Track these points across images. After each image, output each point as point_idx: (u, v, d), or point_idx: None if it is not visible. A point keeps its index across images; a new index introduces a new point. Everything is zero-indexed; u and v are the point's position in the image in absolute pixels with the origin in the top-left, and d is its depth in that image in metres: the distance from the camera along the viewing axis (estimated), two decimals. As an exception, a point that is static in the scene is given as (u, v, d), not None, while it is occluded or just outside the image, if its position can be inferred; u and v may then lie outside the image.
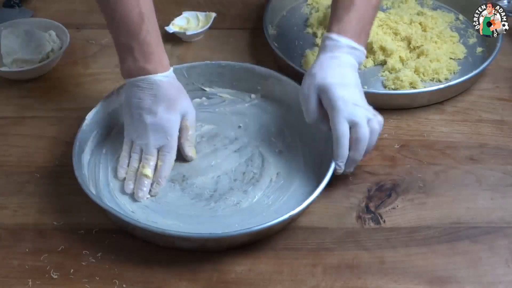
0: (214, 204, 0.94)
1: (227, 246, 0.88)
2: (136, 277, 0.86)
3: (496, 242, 0.90)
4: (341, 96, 0.92)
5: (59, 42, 1.20)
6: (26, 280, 0.85)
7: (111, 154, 1.00)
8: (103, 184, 0.96)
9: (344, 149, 0.91)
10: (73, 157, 0.92)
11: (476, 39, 1.24)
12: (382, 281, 0.85)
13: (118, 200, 0.94)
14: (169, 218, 0.91)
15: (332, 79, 0.93)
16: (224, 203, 0.94)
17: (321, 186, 0.89)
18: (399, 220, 0.93)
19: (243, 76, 1.10)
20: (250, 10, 1.33)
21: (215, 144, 1.03)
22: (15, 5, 1.33)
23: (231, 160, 1.00)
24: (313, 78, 0.94)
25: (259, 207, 0.93)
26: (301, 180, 0.96)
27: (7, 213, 0.94)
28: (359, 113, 0.92)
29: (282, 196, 0.94)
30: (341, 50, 0.96)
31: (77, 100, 1.11)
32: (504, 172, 1.00)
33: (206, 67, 1.09)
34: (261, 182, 0.96)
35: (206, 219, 0.91)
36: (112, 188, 0.96)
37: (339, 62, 0.95)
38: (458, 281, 0.86)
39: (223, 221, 0.91)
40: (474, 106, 1.12)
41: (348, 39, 0.96)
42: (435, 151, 1.03)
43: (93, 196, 0.88)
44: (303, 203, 0.87)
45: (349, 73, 0.95)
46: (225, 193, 0.95)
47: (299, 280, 0.86)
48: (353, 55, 0.97)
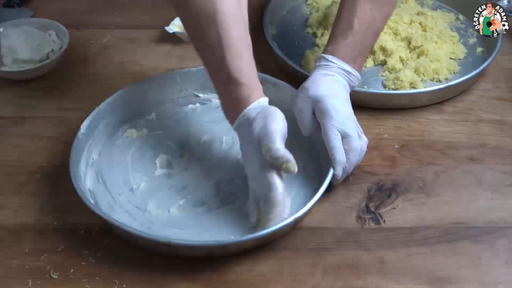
0: (216, 210, 0.93)
1: (234, 253, 0.87)
2: (136, 277, 0.86)
3: (496, 242, 0.90)
4: (333, 106, 0.92)
5: (59, 42, 1.20)
6: (26, 280, 0.85)
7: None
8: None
9: (339, 154, 0.91)
10: (70, 168, 0.92)
11: (476, 39, 1.24)
12: (382, 281, 0.85)
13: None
14: (172, 227, 0.90)
15: (325, 91, 0.94)
16: (226, 208, 0.93)
17: (323, 187, 0.89)
18: (399, 220, 0.93)
19: None
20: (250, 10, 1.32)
21: (212, 150, 1.02)
22: (15, 5, 1.33)
23: (230, 165, 0.99)
24: (306, 91, 0.95)
25: None
26: (301, 183, 0.96)
27: (7, 213, 0.94)
28: (350, 126, 0.92)
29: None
30: (334, 70, 0.97)
31: (77, 100, 1.11)
32: (504, 172, 1.00)
33: (199, 72, 1.07)
34: None
35: (209, 226, 0.90)
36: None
37: (332, 79, 0.97)
38: (458, 281, 0.86)
39: (227, 227, 0.90)
40: (474, 106, 1.12)
41: (343, 62, 0.98)
42: (435, 151, 1.03)
43: (92, 205, 0.88)
44: (307, 205, 0.87)
45: (341, 90, 0.97)
46: (227, 198, 0.94)
47: (299, 280, 0.86)
48: (347, 78, 0.98)
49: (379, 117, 1.09)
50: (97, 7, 1.31)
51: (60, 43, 1.19)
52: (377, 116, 1.09)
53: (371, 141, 0.98)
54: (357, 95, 1.04)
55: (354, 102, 0.98)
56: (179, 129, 1.05)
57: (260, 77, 1.02)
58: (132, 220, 0.91)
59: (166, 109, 1.09)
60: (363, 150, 0.95)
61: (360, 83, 1.13)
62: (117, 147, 1.02)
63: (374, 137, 1.05)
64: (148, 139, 1.04)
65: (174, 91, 1.09)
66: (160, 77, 1.08)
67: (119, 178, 0.97)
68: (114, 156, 1.01)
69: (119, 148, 1.02)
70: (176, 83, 1.08)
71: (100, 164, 0.99)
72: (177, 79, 1.08)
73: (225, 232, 0.89)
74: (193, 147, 1.02)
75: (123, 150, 1.02)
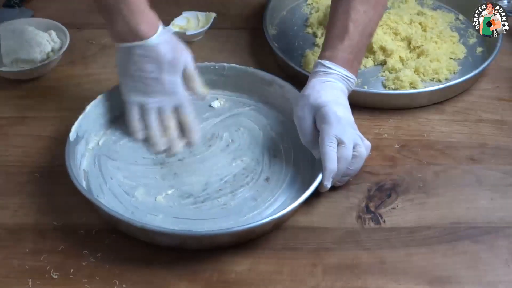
0: (201, 203, 0.94)
1: (208, 246, 0.89)
2: (136, 277, 0.86)
3: (496, 242, 0.90)
4: (335, 112, 0.92)
5: (59, 42, 1.19)
6: (26, 280, 0.85)
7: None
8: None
9: (331, 163, 0.90)
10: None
11: (476, 39, 1.24)
12: (382, 281, 0.86)
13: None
14: (155, 215, 0.92)
15: (327, 97, 0.94)
16: (211, 203, 0.94)
17: (305, 195, 0.89)
18: (399, 220, 0.93)
19: (245, 80, 1.09)
20: (250, 10, 1.33)
21: (210, 145, 1.02)
22: (15, 5, 1.33)
23: (224, 162, 1.00)
24: (306, 99, 0.95)
25: (245, 209, 0.93)
26: (290, 187, 0.96)
27: (7, 213, 0.94)
28: (348, 134, 0.92)
29: (271, 199, 0.94)
30: (333, 76, 0.97)
31: (77, 100, 1.11)
32: (504, 172, 1.00)
33: (208, 68, 1.09)
34: (251, 185, 0.96)
35: (191, 217, 0.92)
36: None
37: (331, 85, 0.97)
38: (458, 281, 0.86)
39: (207, 220, 0.91)
40: (474, 106, 1.12)
41: (341, 68, 0.97)
42: (435, 151, 1.03)
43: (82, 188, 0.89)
44: (285, 209, 0.87)
45: (342, 96, 0.97)
46: (213, 194, 0.95)
47: (299, 280, 0.86)
48: (345, 83, 0.98)
49: (379, 117, 1.09)
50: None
51: (60, 43, 1.19)
52: (377, 116, 1.09)
53: (371, 141, 0.98)
54: (357, 95, 1.05)
55: (354, 102, 0.99)
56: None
57: (268, 77, 1.06)
58: (117, 204, 0.93)
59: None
60: (362, 156, 0.94)
61: (360, 83, 1.14)
62: (116, 136, 1.04)
63: (374, 137, 1.05)
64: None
65: None
66: None
67: (114, 163, 0.99)
68: (112, 143, 1.02)
69: (118, 137, 1.04)
70: None
71: (98, 149, 1.01)
72: None
73: (205, 225, 0.90)
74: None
75: (121, 138, 1.03)
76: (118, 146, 1.02)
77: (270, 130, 1.05)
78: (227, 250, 0.89)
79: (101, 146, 1.02)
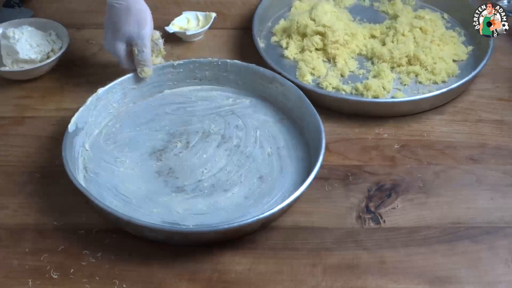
0: (192, 200, 0.94)
1: (195, 243, 0.89)
2: (136, 277, 0.86)
3: (496, 242, 0.90)
4: None
5: (59, 42, 1.19)
6: (26, 280, 0.85)
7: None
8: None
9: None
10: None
11: (464, 37, 1.23)
12: (382, 281, 0.86)
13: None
14: (143, 208, 0.93)
15: None
16: (203, 200, 0.94)
17: (295, 194, 0.89)
18: (399, 220, 0.93)
19: (247, 76, 1.10)
20: (250, 10, 1.33)
21: (208, 141, 1.03)
22: (15, 5, 1.33)
23: (219, 158, 1.00)
24: None
25: (236, 206, 0.93)
26: (283, 186, 0.96)
27: (7, 213, 0.94)
28: None
29: (262, 198, 0.94)
30: None
31: (77, 100, 1.11)
32: (504, 172, 1.00)
33: (211, 64, 1.11)
34: (244, 182, 0.97)
35: (181, 212, 0.92)
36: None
37: None
38: (458, 281, 0.86)
39: (196, 217, 0.92)
40: (474, 106, 1.12)
41: None
42: (435, 151, 1.03)
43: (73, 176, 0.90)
44: (274, 208, 0.87)
45: None
46: (206, 190, 0.96)
47: (299, 280, 0.86)
48: None
49: (379, 117, 1.09)
50: (97, 7, 1.31)
51: (60, 43, 1.19)
52: (377, 116, 1.09)
53: (371, 141, 0.98)
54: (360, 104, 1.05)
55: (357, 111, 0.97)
56: (178, 117, 1.08)
57: (269, 75, 1.06)
58: (108, 194, 0.94)
59: (167, 96, 1.12)
60: None
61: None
62: (117, 129, 1.05)
63: (374, 137, 1.05)
64: (148, 123, 1.06)
65: None
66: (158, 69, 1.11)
67: (112, 154, 1.01)
68: (113, 135, 1.04)
69: (119, 130, 1.05)
70: (188, 71, 1.12)
71: (96, 140, 1.02)
72: (190, 67, 1.11)
73: (189, 221, 0.91)
74: (191, 135, 1.04)
75: (122, 131, 1.05)
76: (118, 138, 1.03)
77: (267, 127, 1.05)
78: (227, 250, 0.89)
79: (100, 138, 1.03)
